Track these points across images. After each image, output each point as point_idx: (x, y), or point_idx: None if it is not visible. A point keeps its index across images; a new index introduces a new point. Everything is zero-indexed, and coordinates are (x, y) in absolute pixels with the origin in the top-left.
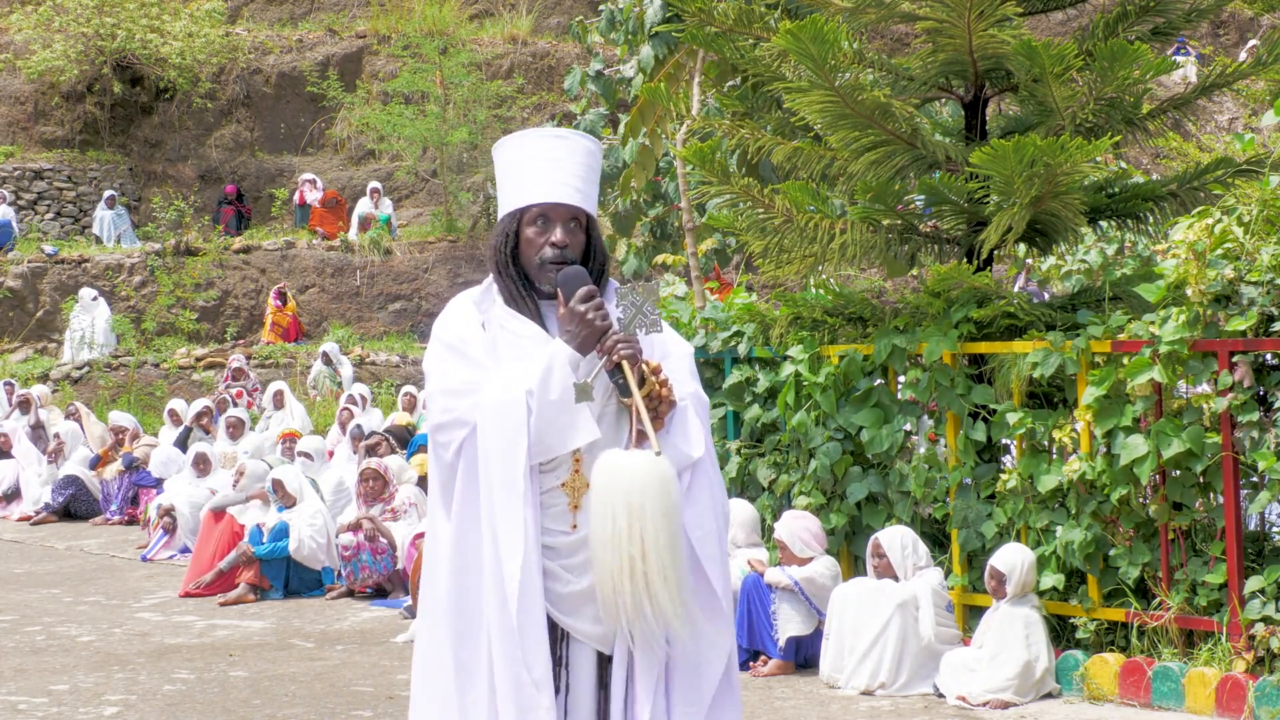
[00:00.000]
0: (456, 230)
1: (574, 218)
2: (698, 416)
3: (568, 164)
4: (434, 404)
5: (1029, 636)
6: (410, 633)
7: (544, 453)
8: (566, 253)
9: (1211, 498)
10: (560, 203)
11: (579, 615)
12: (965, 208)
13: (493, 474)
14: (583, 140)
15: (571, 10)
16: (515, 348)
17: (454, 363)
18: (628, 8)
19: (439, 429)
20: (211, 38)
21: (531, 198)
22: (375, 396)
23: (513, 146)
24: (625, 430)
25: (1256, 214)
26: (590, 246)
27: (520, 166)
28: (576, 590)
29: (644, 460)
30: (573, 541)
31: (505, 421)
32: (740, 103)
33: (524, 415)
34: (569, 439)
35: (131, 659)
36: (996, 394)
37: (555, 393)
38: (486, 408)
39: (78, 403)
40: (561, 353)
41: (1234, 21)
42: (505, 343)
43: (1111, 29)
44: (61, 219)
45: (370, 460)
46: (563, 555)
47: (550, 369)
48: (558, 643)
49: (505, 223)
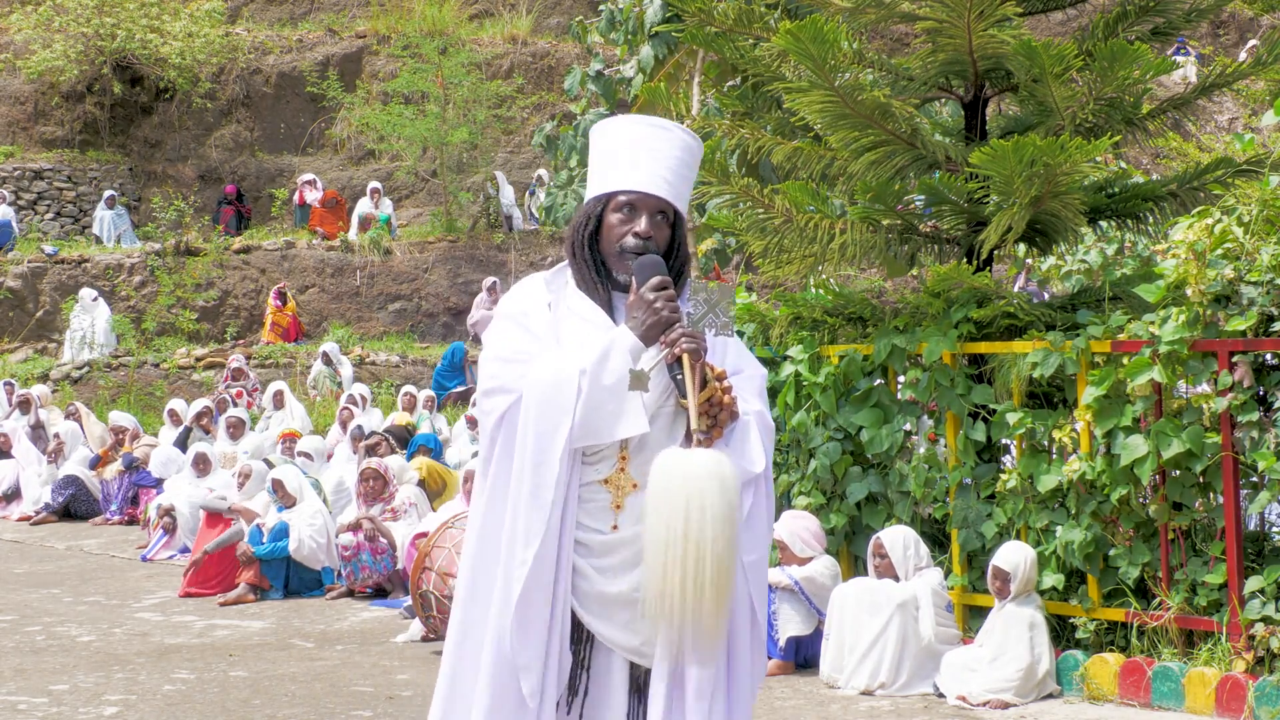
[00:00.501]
0: (456, 230)
1: (661, 211)
2: (760, 437)
3: (664, 156)
4: (483, 370)
5: (1033, 638)
6: (411, 632)
7: (586, 437)
8: (649, 245)
9: (1211, 498)
10: (649, 193)
11: (609, 620)
12: (965, 208)
13: (528, 450)
14: (684, 135)
15: (571, 10)
16: (578, 332)
17: (512, 332)
18: (628, 8)
19: (484, 395)
20: (211, 38)
21: (621, 184)
22: (375, 396)
23: (611, 130)
24: (679, 435)
25: (1256, 214)
26: (674, 244)
27: (615, 152)
28: (608, 593)
29: (706, 459)
30: (609, 541)
31: (552, 396)
32: (740, 103)
33: (573, 394)
34: (615, 428)
35: (131, 659)
36: (996, 394)
37: (610, 377)
38: (535, 380)
39: (78, 403)
40: (623, 338)
41: (1234, 21)
42: (569, 326)
43: (1111, 29)
44: (61, 219)
45: (370, 460)
46: (595, 554)
47: (608, 352)
48: (581, 643)
49: (590, 205)
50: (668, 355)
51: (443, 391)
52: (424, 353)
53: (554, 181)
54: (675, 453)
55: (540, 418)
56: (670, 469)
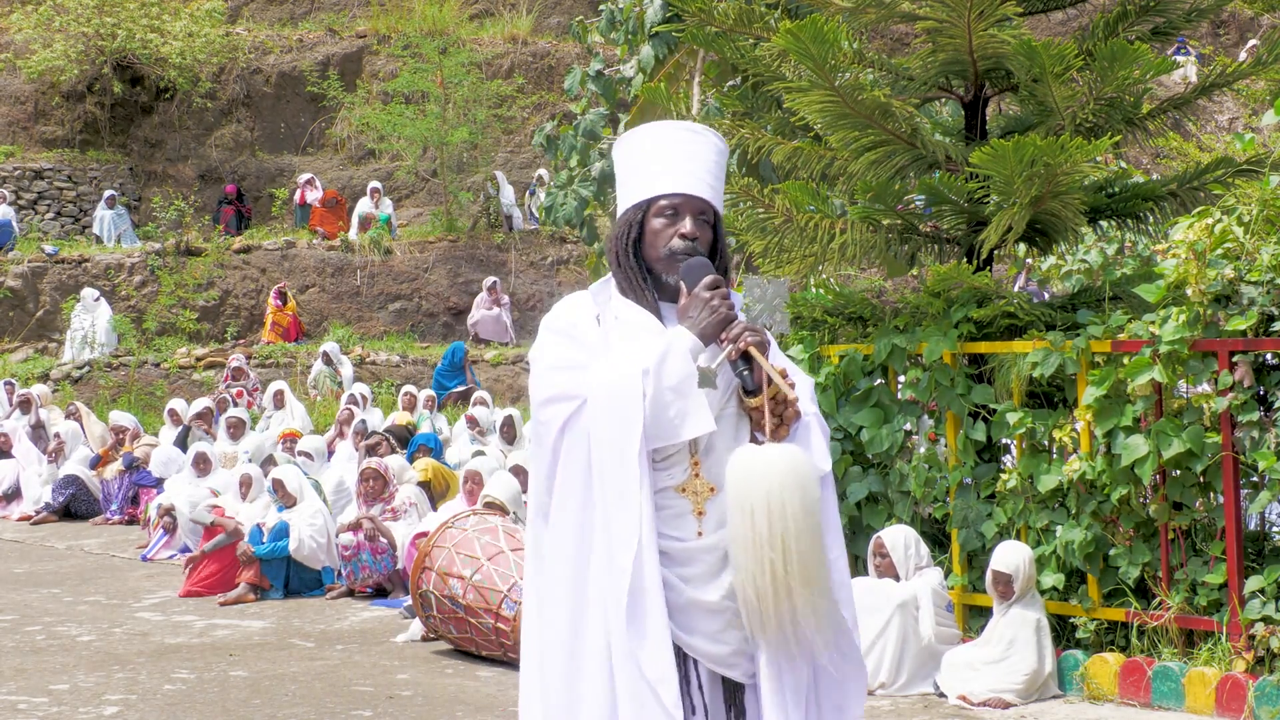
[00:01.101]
0: (457, 230)
1: (703, 212)
2: (822, 438)
3: (701, 158)
4: (539, 382)
5: (1039, 641)
6: (411, 632)
7: (654, 439)
8: (696, 245)
9: (1211, 497)
10: (692, 195)
11: (694, 631)
12: (965, 208)
13: (605, 454)
14: (714, 138)
15: (571, 10)
16: (629, 340)
17: (563, 345)
18: (628, 8)
19: (543, 405)
20: (211, 37)
21: (662, 188)
22: (375, 396)
23: (641, 138)
24: (744, 437)
25: (1256, 214)
26: (716, 244)
27: (649, 158)
28: (699, 600)
29: (781, 455)
30: (691, 549)
31: (620, 397)
32: (740, 102)
33: (639, 394)
34: (681, 428)
35: (131, 659)
36: (996, 394)
37: (672, 377)
38: (599, 383)
39: (78, 402)
40: (681, 338)
41: (1234, 21)
42: (619, 335)
43: (1111, 29)
44: (61, 219)
45: (370, 460)
46: (678, 563)
47: (667, 353)
48: (682, 660)
49: (630, 213)
50: (731, 352)
51: (443, 391)
52: (424, 352)
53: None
54: (749, 450)
55: (611, 420)
56: (747, 467)
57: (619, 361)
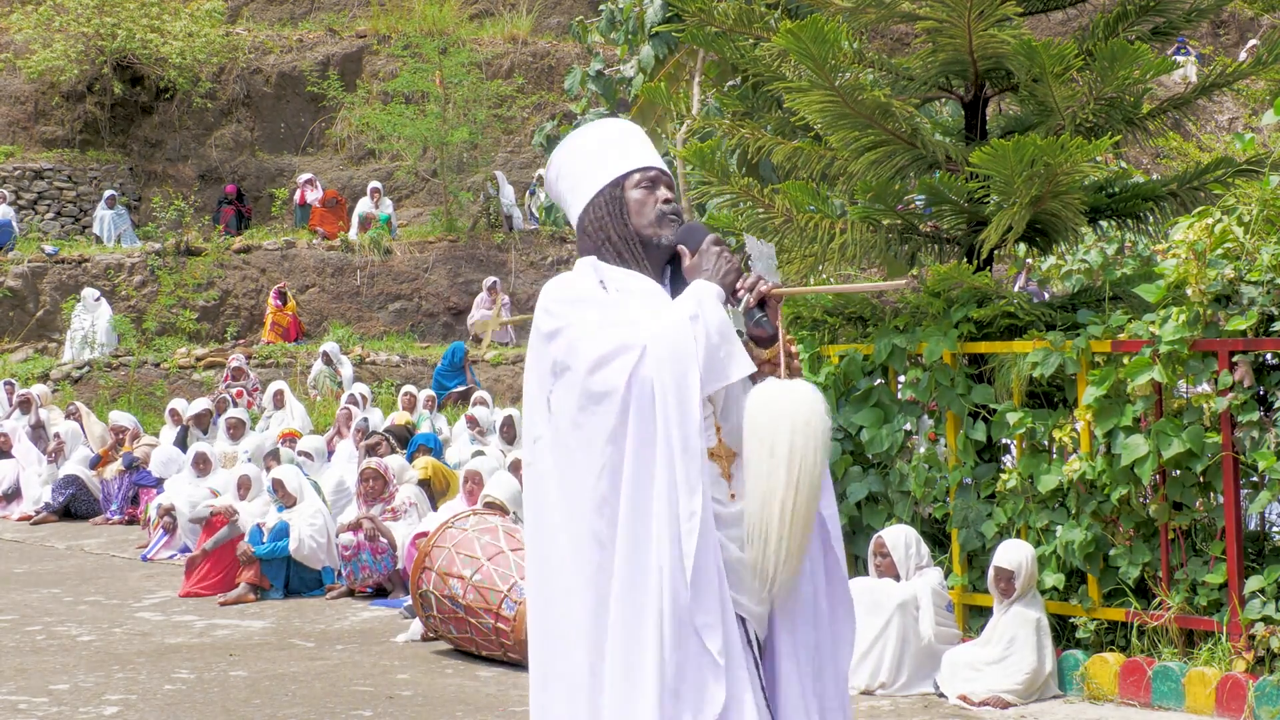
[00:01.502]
0: (457, 230)
1: (669, 185)
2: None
3: (646, 142)
4: (583, 345)
5: (1040, 641)
6: (411, 632)
7: (706, 383)
8: (678, 207)
9: (1211, 497)
10: (661, 168)
11: (741, 588)
12: (965, 208)
13: (670, 401)
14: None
15: (571, 10)
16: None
17: (589, 306)
18: (628, 8)
19: (597, 364)
20: (211, 37)
21: (635, 163)
22: (375, 396)
23: (584, 137)
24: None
25: (1256, 214)
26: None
27: (604, 145)
28: (740, 560)
29: (807, 388)
30: (727, 512)
31: (677, 342)
32: (740, 103)
33: (692, 339)
34: (729, 368)
35: (131, 659)
36: (996, 394)
37: (714, 321)
38: (654, 332)
39: (78, 402)
40: (707, 286)
41: (1234, 21)
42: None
43: (1111, 29)
44: (61, 219)
45: (370, 460)
46: (723, 524)
47: (703, 298)
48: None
49: (607, 191)
50: (750, 299)
51: (443, 391)
52: (424, 352)
53: None
54: (775, 382)
55: (675, 366)
56: (774, 394)
57: (664, 313)
